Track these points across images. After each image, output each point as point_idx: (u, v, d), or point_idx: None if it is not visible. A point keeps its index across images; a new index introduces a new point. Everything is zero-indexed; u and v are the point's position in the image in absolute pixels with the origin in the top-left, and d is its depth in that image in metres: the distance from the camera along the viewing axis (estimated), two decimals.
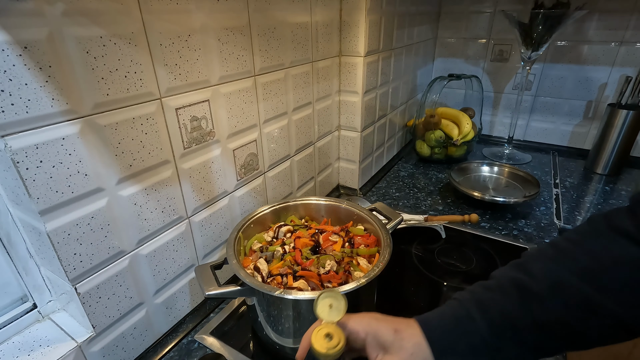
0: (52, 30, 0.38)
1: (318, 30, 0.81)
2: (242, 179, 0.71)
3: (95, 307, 0.50)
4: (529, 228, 0.91)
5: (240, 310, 0.69)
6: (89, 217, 0.46)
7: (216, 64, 0.58)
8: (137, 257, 0.54)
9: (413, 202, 1.04)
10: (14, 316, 0.50)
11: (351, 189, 1.10)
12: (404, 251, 0.84)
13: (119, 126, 0.46)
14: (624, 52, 1.17)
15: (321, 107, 0.91)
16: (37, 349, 0.49)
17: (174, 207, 0.58)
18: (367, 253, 0.61)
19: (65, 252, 0.44)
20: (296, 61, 0.77)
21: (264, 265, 0.58)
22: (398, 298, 0.72)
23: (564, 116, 1.34)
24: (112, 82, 0.44)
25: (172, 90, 0.52)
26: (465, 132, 1.23)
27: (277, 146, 0.79)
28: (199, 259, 0.66)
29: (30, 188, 0.39)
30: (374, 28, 0.90)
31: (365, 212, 0.68)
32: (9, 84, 0.36)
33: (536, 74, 1.32)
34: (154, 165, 0.53)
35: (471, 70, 1.44)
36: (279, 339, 0.56)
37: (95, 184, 0.45)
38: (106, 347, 0.53)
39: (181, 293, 0.64)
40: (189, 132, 0.57)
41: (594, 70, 1.23)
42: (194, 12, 0.52)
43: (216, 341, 0.62)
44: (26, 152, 0.38)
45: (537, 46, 1.11)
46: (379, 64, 0.98)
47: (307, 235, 0.64)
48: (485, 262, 0.80)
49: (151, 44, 0.48)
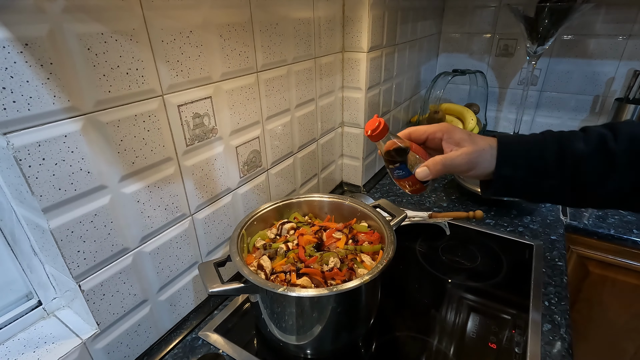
0: (53, 27, 0.38)
1: (321, 26, 0.80)
2: (245, 176, 0.71)
3: (99, 305, 0.50)
4: (534, 224, 0.90)
5: (244, 308, 0.70)
6: (92, 215, 0.46)
7: (218, 61, 0.58)
8: (141, 255, 0.54)
9: (417, 198, 1.04)
10: (19, 313, 0.51)
11: (355, 185, 1.09)
12: (408, 248, 0.84)
13: (121, 123, 0.46)
14: (632, 46, 1.15)
15: (324, 104, 0.90)
16: (42, 345, 0.49)
17: (177, 205, 0.58)
18: (370, 250, 0.61)
19: (69, 249, 0.44)
20: (299, 57, 0.76)
21: (268, 263, 0.58)
22: (402, 295, 0.71)
23: (570, 111, 1.32)
24: (114, 79, 0.44)
25: (174, 87, 0.52)
26: (469, 128, 1.22)
27: (280, 143, 0.78)
28: (203, 256, 0.66)
29: (33, 186, 0.39)
30: (377, 23, 0.89)
31: (368, 209, 0.67)
32: (10, 81, 0.36)
33: (542, 68, 1.30)
34: (157, 163, 0.52)
35: (476, 65, 1.42)
36: (283, 336, 0.56)
37: (97, 181, 0.45)
38: (110, 344, 0.53)
39: (185, 290, 0.64)
40: (191, 129, 0.56)
41: (601, 65, 1.21)
42: (196, 8, 0.52)
43: (220, 338, 0.63)
44: (28, 150, 0.38)
45: (543, 40, 1.09)
46: (382, 59, 0.97)
47: (310, 233, 0.64)
48: (490, 259, 0.80)
49: (152, 40, 0.47)
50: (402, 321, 0.65)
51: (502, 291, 0.71)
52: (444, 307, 0.68)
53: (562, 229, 0.88)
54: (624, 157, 0.40)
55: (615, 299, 0.96)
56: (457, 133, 0.46)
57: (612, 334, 1.02)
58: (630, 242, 0.86)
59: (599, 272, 0.95)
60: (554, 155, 0.43)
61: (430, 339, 0.62)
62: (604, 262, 0.92)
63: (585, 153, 0.41)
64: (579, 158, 0.42)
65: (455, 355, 0.59)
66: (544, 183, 0.43)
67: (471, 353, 0.59)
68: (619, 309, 0.97)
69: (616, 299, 0.96)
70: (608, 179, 0.41)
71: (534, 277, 0.73)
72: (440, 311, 0.67)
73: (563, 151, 0.42)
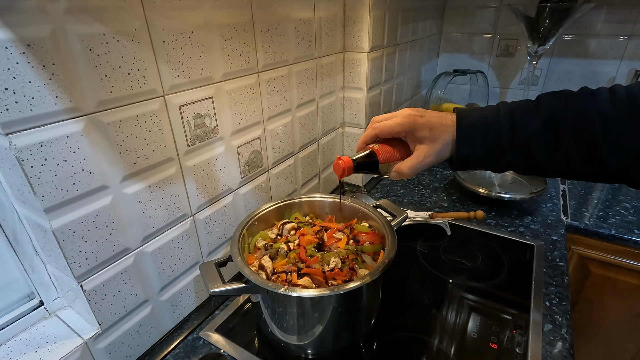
0: (55, 28, 0.38)
1: (322, 26, 0.80)
2: (246, 177, 0.71)
3: (101, 304, 0.50)
4: (535, 225, 0.90)
5: (245, 308, 0.70)
6: (94, 215, 0.46)
7: (219, 61, 0.58)
8: (142, 255, 0.54)
9: (418, 199, 1.04)
10: (21, 313, 0.51)
11: (356, 186, 1.09)
12: (409, 248, 0.84)
13: (122, 124, 0.46)
14: (633, 46, 1.15)
15: (325, 104, 0.90)
16: (44, 345, 0.49)
17: (179, 205, 0.58)
18: (371, 250, 0.61)
19: (71, 249, 0.44)
20: (300, 57, 0.76)
21: (269, 263, 0.58)
22: (403, 295, 0.71)
23: None
24: (116, 79, 0.44)
25: (176, 87, 0.52)
26: None
27: (281, 143, 0.78)
28: (204, 256, 0.66)
29: (35, 186, 0.40)
30: (378, 23, 0.89)
31: (369, 209, 0.67)
32: (12, 82, 0.36)
33: (543, 68, 1.30)
34: (158, 163, 0.53)
35: (476, 65, 1.42)
36: (284, 336, 0.56)
37: (99, 181, 0.45)
38: (112, 343, 0.53)
39: (186, 290, 0.64)
40: (192, 129, 0.56)
41: (602, 65, 1.21)
42: (197, 9, 0.52)
43: (221, 338, 0.63)
44: (31, 150, 0.38)
45: (544, 40, 1.09)
46: (383, 59, 0.97)
47: (311, 233, 0.64)
48: (491, 259, 0.80)
49: (154, 41, 0.48)
50: (403, 321, 0.65)
51: (503, 291, 0.71)
52: (445, 307, 0.68)
53: (563, 229, 0.88)
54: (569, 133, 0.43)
55: (616, 300, 0.96)
56: (418, 131, 0.49)
57: (613, 334, 1.01)
58: (632, 242, 0.85)
59: (600, 272, 0.95)
60: (508, 134, 0.46)
61: (431, 339, 0.62)
62: (605, 263, 0.92)
63: (536, 131, 0.44)
64: (530, 135, 0.45)
65: (456, 355, 0.59)
66: (501, 160, 0.47)
67: (472, 353, 0.59)
68: (620, 310, 0.97)
69: (617, 299, 0.96)
70: (556, 153, 0.44)
71: (535, 278, 0.73)
72: (441, 311, 0.67)
73: (515, 130, 0.45)
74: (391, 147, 0.52)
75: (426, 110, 0.51)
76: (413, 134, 0.49)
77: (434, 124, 0.48)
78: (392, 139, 0.52)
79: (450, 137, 0.48)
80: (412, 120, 0.48)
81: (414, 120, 0.48)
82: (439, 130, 0.48)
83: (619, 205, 0.97)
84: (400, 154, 0.52)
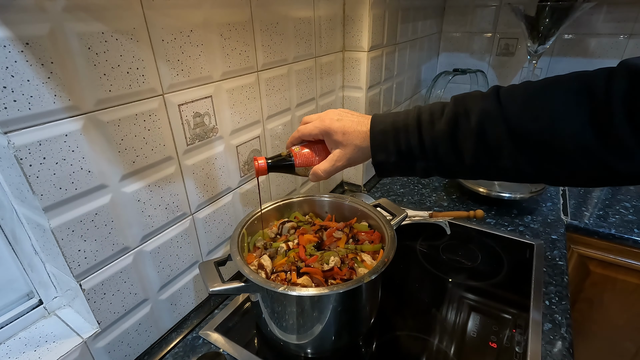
0: (54, 26, 0.38)
1: (321, 25, 0.80)
2: (245, 176, 0.71)
3: (100, 304, 0.50)
4: (535, 224, 0.90)
5: (244, 307, 0.70)
6: (93, 214, 0.46)
7: (219, 60, 0.58)
8: (142, 254, 0.54)
9: (418, 198, 1.04)
10: (20, 312, 0.51)
11: (355, 185, 1.09)
12: (408, 247, 0.84)
13: (121, 122, 0.46)
14: (633, 45, 1.15)
15: (325, 103, 0.90)
16: (43, 344, 0.49)
17: (178, 204, 0.58)
18: (371, 249, 0.61)
19: (70, 248, 0.44)
20: (299, 56, 0.76)
21: (268, 262, 0.58)
22: (403, 294, 0.71)
23: None
24: (115, 78, 0.44)
25: (175, 86, 0.52)
26: None
27: (281, 142, 0.78)
28: (203, 255, 0.66)
29: (33, 185, 0.39)
30: (377, 22, 0.89)
31: (369, 209, 0.67)
32: (11, 80, 0.36)
33: (543, 67, 1.30)
34: (157, 162, 0.52)
35: (476, 64, 1.42)
36: (283, 335, 0.56)
37: (98, 180, 0.45)
38: (111, 343, 0.53)
39: (185, 289, 0.64)
40: (191, 128, 0.56)
41: (602, 64, 1.19)
42: (196, 7, 0.52)
43: (220, 337, 0.63)
44: (29, 149, 0.38)
45: (544, 39, 1.09)
46: (382, 59, 0.97)
47: (311, 232, 0.64)
48: (491, 259, 0.80)
49: (153, 39, 0.47)
50: (402, 320, 0.65)
51: (503, 290, 0.71)
52: (444, 307, 0.68)
53: (563, 228, 0.88)
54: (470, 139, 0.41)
55: (616, 299, 0.96)
56: (333, 135, 0.50)
57: (613, 333, 1.02)
58: (632, 241, 0.85)
59: (599, 271, 0.95)
60: (417, 140, 0.45)
61: (431, 338, 0.62)
62: (604, 262, 0.92)
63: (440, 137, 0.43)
64: (436, 142, 0.44)
65: (456, 354, 0.59)
66: (416, 165, 0.46)
67: (472, 352, 0.59)
68: (619, 309, 0.97)
69: (617, 298, 0.96)
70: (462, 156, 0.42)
71: (535, 277, 0.73)
72: (440, 310, 0.67)
73: (422, 136, 0.44)
74: (312, 150, 0.53)
75: (351, 113, 0.51)
76: (329, 137, 0.50)
77: (347, 129, 0.49)
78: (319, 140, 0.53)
79: (363, 143, 0.48)
80: (328, 125, 0.50)
81: (329, 125, 0.50)
82: (352, 135, 0.49)
83: (618, 204, 0.97)
84: (320, 158, 0.53)
